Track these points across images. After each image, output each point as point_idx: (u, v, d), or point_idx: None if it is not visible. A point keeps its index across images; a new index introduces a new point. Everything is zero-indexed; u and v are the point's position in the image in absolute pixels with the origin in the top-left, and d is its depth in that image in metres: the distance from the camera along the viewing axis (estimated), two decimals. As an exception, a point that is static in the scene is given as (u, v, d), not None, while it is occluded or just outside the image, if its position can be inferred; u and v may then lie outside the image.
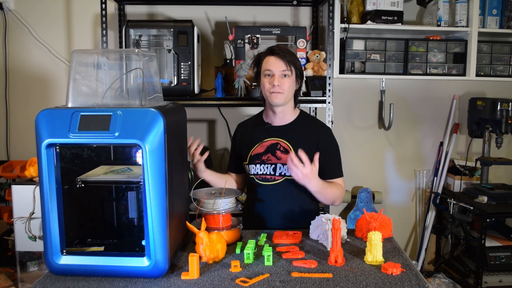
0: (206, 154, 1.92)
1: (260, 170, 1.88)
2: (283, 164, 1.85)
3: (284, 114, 1.91)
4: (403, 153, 3.15)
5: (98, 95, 1.48)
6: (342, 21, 2.78)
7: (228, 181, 2.02)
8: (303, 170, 1.65)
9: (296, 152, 1.70)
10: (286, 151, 1.85)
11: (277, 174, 1.86)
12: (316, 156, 1.68)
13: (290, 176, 1.81)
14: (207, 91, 2.73)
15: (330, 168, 1.89)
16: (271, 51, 1.85)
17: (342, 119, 3.06)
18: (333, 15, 2.47)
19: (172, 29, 2.40)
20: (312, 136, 1.88)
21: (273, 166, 1.87)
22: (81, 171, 1.49)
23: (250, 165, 1.91)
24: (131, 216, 1.51)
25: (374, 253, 1.43)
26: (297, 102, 1.95)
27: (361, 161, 3.12)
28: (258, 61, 1.89)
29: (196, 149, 1.89)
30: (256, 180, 1.90)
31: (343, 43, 2.85)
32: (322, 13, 2.94)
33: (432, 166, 3.16)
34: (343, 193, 1.89)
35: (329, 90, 2.47)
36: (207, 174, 1.95)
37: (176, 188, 1.42)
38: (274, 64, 1.82)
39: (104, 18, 2.52)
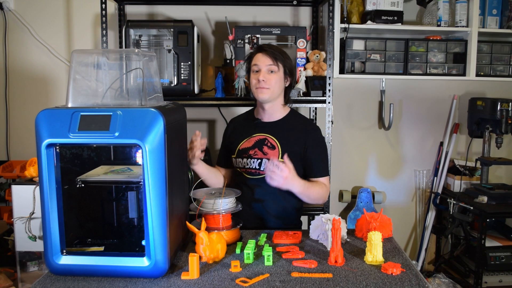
0: (202, 155, 1.89)
1: (247, 164, 1.93)
2: (269, 160, 1.85)
3: (273, 110, 1.95)
4: (403, 153, 3.15)
5: (98, 95, 1.48)
6: (342, 21, 2.78)
7: (218, 175, 2.04)
8: (282, 173, 1.64)
9: (282, 147, 1.79)
10: (273, 147, 1.90)
11: (262, 169, 1.90)
12: (285, 157, 1.68)
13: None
14: (207, 91, 2.73)
15: (316, 167, 1.92)
16: (259, 48, 1.91)
17: (342, 119, 3.06)
18: (333, 15, 2.47)
19: (172, 29, 2.40)
20: (300, 134, 1.91)
21: (259, 161, 1.91)
22: (81, 171, 1.49)
23: (237, 159, 1.96)
24: (131, 216, 1.51)
25: (374, 253, 1.43)
26: (287, 99, 1.98)
27: (361, 161, 3.12)
28: (249, 59, 1.95)
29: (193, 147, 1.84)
30: (243, 174, 1.95)
31: (343, 43, 2.85)
32: (322, 13, 2.94)
33: (432, 166, 3.16)
34: (327, 192, 1.92)
35: (329, 90, 2.47)
36: (198, 166, 1.91)
37: (176, 188, 1.42)
38: (261, 60, 1.87)
39: (104, 18, 2.52)
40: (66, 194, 1.37)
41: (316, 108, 2.94)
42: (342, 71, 2.88)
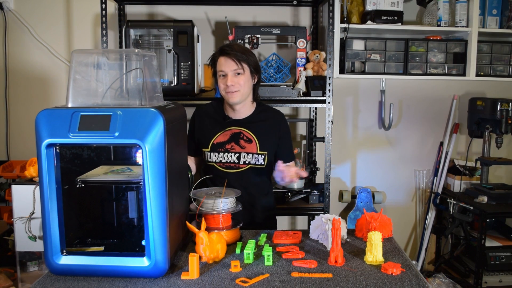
0: None
1: (224, 158, 1.95)
2: (248, 153, 1.94)
3: (243, 109, 1.98)
4: (403, 153, 3.15)
5: (98, 95, 1.48)
6: (342, 21, 2.78)
7: (190, 163, 2.03)
8: (299, 174, 1.81)
9: (259, 140, 1.92)
10: (250, 141, 1.94)
11: (241, 162, 1.94)
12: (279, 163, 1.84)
13: (254, 164, 1.94)
14: (207, 91, 2.73)
15: (289, 152, 2.03)
16: (221, 51, 1.90)
17: (342, 119, 3.06)
18: (333, 15, 2.47)
19: (172, 29, 2.40)
20: (273, 125, 1.99)
21: (237, 154, 1.94)
22: (81, 171, 1.49)
23: (212, 153, 1.97)
24: (131, 216, 1.51)
25: (374, 253, 1.43)
26: (256, 96, 2.00)
27: (361, 161, 3.12)
28: (213, 61, 1.94)
29: None
30: (219, 168, 1.96)
31: (343, 43, 2.85)
32: (322, 13, 2.94)
33: (432, 166, 3.16)
34: None
35: (329, 90, 2.47)
36: None
37: (176, 188, 1.43)
38: (226, 65, 1.87)
39: (104, 18, 2.52)
40: (66, 194, 1.37)
41: (316, 108, 2.94)
42: (342, 71, 2.87)
